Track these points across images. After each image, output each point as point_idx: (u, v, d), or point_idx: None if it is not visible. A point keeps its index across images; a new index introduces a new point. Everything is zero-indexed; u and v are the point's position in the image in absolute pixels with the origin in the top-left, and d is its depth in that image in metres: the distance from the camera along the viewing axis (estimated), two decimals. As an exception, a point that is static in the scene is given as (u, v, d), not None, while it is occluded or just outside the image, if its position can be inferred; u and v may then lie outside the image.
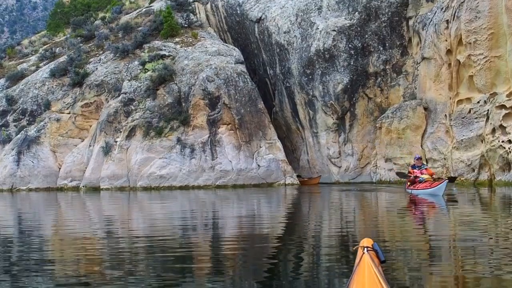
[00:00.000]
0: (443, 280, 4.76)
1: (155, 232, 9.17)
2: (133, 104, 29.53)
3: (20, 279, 5.22)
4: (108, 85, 31.13)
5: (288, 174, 27.99)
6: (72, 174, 29.07)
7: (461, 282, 4.69)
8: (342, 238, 7.61)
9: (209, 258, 6.39)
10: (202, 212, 13.61)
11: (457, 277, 4.86)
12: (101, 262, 6.20)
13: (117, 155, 28.00)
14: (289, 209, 14.36)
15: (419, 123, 24.47)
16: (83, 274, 5.48)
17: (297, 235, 8.08)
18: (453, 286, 4.57)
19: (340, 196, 18.45)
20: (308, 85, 28.43)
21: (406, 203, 14.87)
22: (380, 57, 27.07)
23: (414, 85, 26.04)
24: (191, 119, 28.22)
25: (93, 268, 5.83)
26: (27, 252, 7.00)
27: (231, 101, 28.51)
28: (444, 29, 22.90)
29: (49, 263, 6.18)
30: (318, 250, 6.56)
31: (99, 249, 7.21)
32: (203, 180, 27.07)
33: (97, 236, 8.78)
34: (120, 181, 27.60)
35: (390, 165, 25.43)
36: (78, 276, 5.33)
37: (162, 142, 27.78)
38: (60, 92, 32.03)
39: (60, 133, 30.48)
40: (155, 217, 12.59)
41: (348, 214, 12.03)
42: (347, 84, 27.19)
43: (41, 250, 7.29)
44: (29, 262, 6.19)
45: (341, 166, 28.21)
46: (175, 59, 31.12)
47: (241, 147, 27.85)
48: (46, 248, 7.50)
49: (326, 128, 28.26)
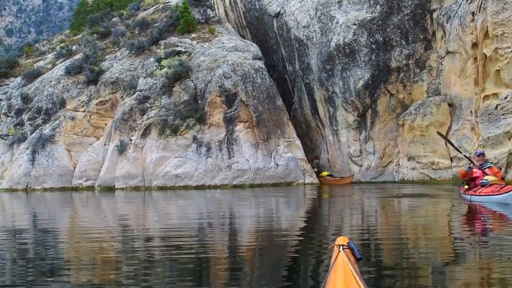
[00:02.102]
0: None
1: (171, 233, 9.11)
2: (148, 102, 29.59)
3: (35, 282, 5.17)
4: (124, 83, 31.23)
5: (307, 173, 27.83)
6: (87, 173, 29.22)
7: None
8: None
9: (225, 260, 6.29)
10: (219, 213, 13.53)
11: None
12: (117, 264, 6.15)
13: (132, 154, 28.07)
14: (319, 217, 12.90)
15: (443, 120, 24.17)
16: (98, 277, 5.42)
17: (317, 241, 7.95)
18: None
19: (382, 205, 14.29)
20: (328, 81, 28.23)
21: (472, 216, 11.05)
22: (402, 51, 26.77)
23: (438, 81, 25.71)
24: (207, 117, 28.19)
25: (108, 271, 5.79)
26: (42, 254, 6.97)
27: (249, 98, 28.43)
28: (470, 21, 22.57)
29: (64, 265, 6.15)
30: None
31: (115, 251, 7.16)
32: (220, 179, 27.03)
33: (112, 238, 8.74)
34: (135, 181, 27.67)
35: (413, 164, 25.16)
36: (93, 280, 5.27)
37: (178, 141, 27.79)
38: (75, 90, 32.22)
39: (75, 131, 30.66)
40: (171, 218, 12.54)
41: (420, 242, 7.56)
42: (368, 80, 26.94)
43: (55, 251, 7.28)
44: (44, 264, 6.16)
45: (362, 164, 27.98)
46: (191, 56, 31.14)
47: (258, 146, 27.75)
48: (60, 250, 7.49)
49: (346, 126, 28.04)
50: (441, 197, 15.64)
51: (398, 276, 5.04)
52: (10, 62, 38.60)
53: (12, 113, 33.16)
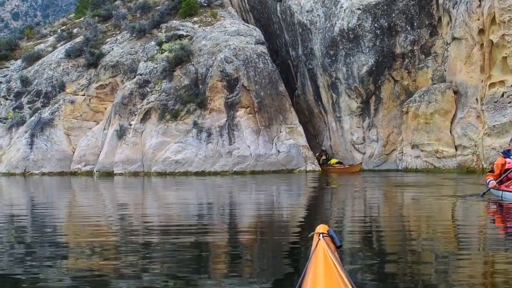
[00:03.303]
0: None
1: (170, 220, 9.08)
2: (148, 86, 29.51)
3: (33, 269, 5.13)
4: (124, 66, 31.15)
5: (309, 160, 27.79)
6: (86, 158, 29.21)
7: None
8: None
9: (225, 247, 6.24)
10: (218, 199, 13.49)
11: None
12: (115, 250, 6.12)
13: (131, 139, 28.03)
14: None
15: (448, 108, 24.05)
16: (96, 264, 5.39)
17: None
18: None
19: (402, 198, 12.98)
20: (331, 67, 28.10)
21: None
22: (407, 37, 26.59)
23: (444, 67, 25.56)
24: (208, 102, 28.12)
25: (107, 258, 5.75)
26: (40, 240, 6.93)
27: (250, 83, 28.32)
28: (477, 7, 22.38)
29: (62, 252, 6.10)
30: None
31: (113, 237, 7.12)
32: (220, 165, 27.00)
33: (110, 224, 8.71)
34: (134, 166, 27.64)
35: (417, 152, 25.09)
36: (91, 266, 5.23)
37: (178, 126, 27.73)
38: (75, 73, 32.15)
39: (74, 115, 30.62)
40: (170, 204, 12.50)
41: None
42: (372, 66, 26.80)
43: (53, 238, 7.23)
44: (42, 251, 6.12)
45: (365, 152, 27.91)
46: (192, 40, 31.01)
47: (260, 132, 27.69)
48: (58, 236, 7.44)
49: (349, 113, 27.95)
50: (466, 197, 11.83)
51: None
52: (10, 45, 38.52)
53: (11, 96, 33.12)
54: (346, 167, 27.58)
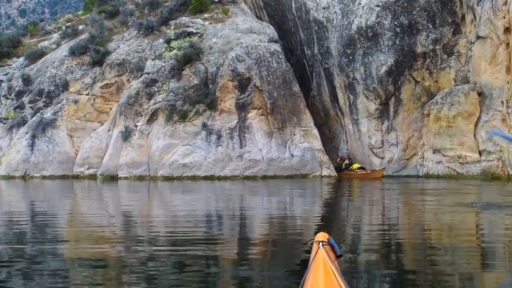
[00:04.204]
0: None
1: (176, 229, 9.13)
2: (156, 86, 29.59)
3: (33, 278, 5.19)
4: (130, 65, 31.25)
5: (325, 165, 27.74)
6: (89, 161, 29.31)
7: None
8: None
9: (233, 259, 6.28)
10: (228, 206, 13.53)
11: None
12: (119, 261, 6.16)
13: (137, 141, 28.10)
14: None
15: (472, 110, 23.94)
16: (99, 275, 5.43)
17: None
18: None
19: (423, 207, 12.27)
20: (348, 67, 28.07)
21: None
22: (429, 36, 26.52)
23: (467, 68, 25.47)
24: (218, 103, 28.15)
25: (110, 267, 5.79)
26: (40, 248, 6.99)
27: (263, 83, 28.35)
28: (502, 4, 22.29)
29: (62, 260, 6.16)
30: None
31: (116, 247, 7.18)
32: (230, 170, 27.03)
33: (114, 233, 8.77)
34: (140, 170, 27.72)
35: (439, 157, 24.99)
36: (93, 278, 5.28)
37: (186, 128, 27.77)
38: (79, 72, 32.28)
39: (77, 116, 30.75)
40: (177, 210, 12.55)
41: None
42: (391, 65, 26.74)
43: (54, 245, 7.28)
44: (42, 259, 6.17)
45: (383, 157, 27.83)
46: (202, 37, 31.08)
47: (273, 134, 27.70)
48: (59, 244, 7.50)
49: (367, 115, 27.88)
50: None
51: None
52: (13, 41, 38.60)
53: (12, 95, 33.31)
54: (368, 172, 27.33)
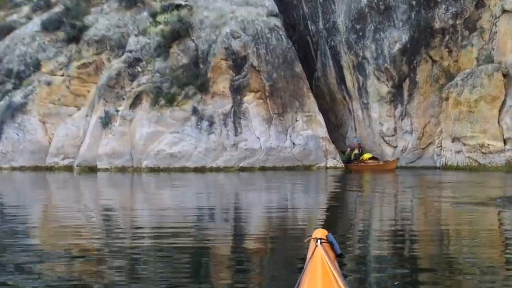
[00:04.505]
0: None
1: (163, 228, 9.22)
2: (139, 65, 29.57)
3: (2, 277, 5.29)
4: (111, 42, 31.19)
5: (330, 155, 27.83)
6: (64, 150, 29.31)
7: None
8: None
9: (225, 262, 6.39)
10: (221, 201, 13.62)
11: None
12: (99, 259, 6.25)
13: (118, 128, 28.11)
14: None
15: (496, 94, 24.03)
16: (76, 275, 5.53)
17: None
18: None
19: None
20: (357, 44, 28.11)
21: None
22: (448, 9, 26.56)
23: (491, 46, 25.52)
24: (210, 85, 28.17)
25: (88, 268, 5.88)
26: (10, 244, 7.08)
27: (261, 63, 28.36)
28: (532, -26, 22.33)
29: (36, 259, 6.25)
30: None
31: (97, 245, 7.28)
32: (224, 160, 27.12)
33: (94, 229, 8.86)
34: (122, 160, 27.76)
35: (459, 146, 25.10)
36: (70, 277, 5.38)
37: (174, 113, 27.80)
38: (53, 50, 32.18)
39: (51, 99, 30.68)
40: (163, 207, 12.65)
41: None
42: (406, 43, 26.79)
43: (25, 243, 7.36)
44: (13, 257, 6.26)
45: (397, 146, 27.94)
46: (192, 10, 31.01)
47: (272, 121, 27.77)
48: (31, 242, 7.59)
49: (379, 99, 27.95)
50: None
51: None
52: (-22, 16, 38.51)
53: (-23, 77, 33.25)
54: (381, 163, 27.22)
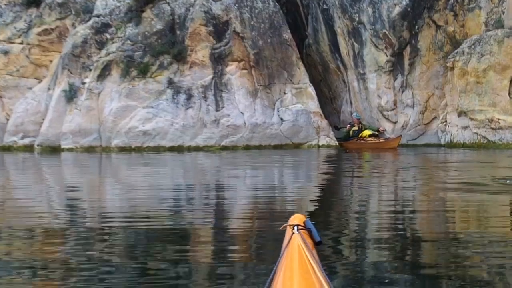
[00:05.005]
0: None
1: (135, 213, 9.18)
2: (108, 32, 29.42)
3: None
4: (76, 5, 31.01)
5: (323, 131, 27.86)
6: (24, 127, 29.17)
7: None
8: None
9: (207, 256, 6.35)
10: (200, 185, 13.60)
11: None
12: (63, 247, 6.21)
13: (84, 102, 28.00)
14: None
15: (507, 62, 24.09)
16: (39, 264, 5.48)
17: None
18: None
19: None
20: (352, 8, 28.08)
21: None
22: (455, -33, 26.55)
23: (501, 9, 25.53)
24: (188, 54, 28.09)
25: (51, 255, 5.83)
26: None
27: (245, 28, 28.29)
28: None
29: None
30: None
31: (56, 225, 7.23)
32: (204, 138, 27.11)
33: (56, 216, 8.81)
34: (89, 139, 27.67)
35: (465, 121, 25.16)
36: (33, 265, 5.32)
37: (148, 85, 27.71)
38: (10, 14, 31.95)
39: (8, 70, 30.53)
40: (134, 191, 12.59)
41: None
42: (406, 6, 26.79)
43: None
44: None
45: (397, 121, 28.01)
46: (167, -31, 30.84)
47: (257, 94, 27.74)
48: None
49: (376, 68, 27.97)
50: None
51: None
52: None
53: None
54: (382, 141, 27.26)
